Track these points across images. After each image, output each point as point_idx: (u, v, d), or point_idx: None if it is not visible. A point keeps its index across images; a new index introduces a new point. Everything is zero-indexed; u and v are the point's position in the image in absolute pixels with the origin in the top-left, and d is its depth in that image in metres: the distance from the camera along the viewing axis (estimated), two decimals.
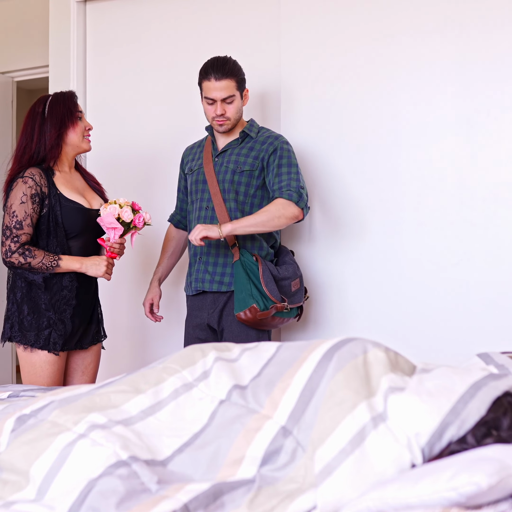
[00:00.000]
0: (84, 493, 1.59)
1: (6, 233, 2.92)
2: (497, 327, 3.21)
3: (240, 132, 3.23)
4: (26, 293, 2.97)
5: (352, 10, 3.53)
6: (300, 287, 3.20)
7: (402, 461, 1.58)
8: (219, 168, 3.21)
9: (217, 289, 3.16)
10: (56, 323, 2.96)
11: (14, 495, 1.68)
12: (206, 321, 3.20)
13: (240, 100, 3.19)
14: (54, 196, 2.96)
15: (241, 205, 3.17)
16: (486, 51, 3.27)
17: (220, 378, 1.92)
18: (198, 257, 3.22)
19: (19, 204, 2.91)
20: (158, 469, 1.70)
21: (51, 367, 2.97)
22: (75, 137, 3.04)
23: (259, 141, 3.22)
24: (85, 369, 3.16)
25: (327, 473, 1.57)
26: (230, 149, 3.24)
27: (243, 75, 3.20)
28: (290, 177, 3.11)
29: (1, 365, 5.12)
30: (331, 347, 1.85)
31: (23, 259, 2.90)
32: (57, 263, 2.93)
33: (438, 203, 3.36)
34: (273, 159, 3.15)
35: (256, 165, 3.17)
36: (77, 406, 1.87)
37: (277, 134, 3.26)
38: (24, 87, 6.30)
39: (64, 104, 3.03)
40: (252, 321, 3.04)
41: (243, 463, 1.69)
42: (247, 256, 3.09)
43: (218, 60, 3.14)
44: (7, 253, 2.92)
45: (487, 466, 1.38)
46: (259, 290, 3.03)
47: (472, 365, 1.99)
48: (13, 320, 2.98)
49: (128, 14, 4.14)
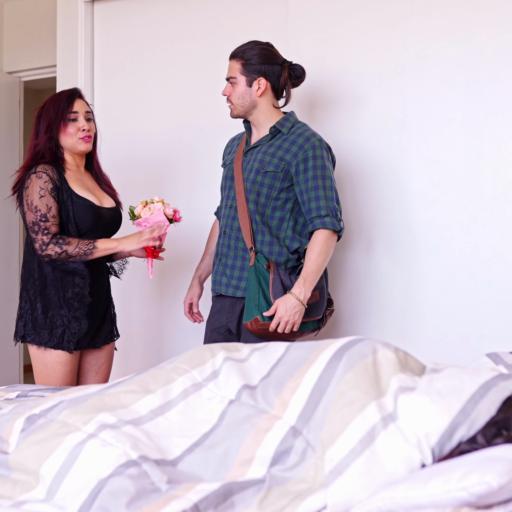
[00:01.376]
0: (94, 493, 1.59)
1: (34, 229, 2.89)
2: (506, 327, 3.20)
3: (270, 128, 3.03)
4: (40, 290, 2.94)
5: (361, 9, 3.53)
6: (320, 300, 2.99)
7: (412, 461, 1.58)
8: (246, 165, 3.04)
9: (232, 294, 3.03)
10: (70, 321, 2.94)
11: (24, 495, 1.69)
12: (226, 325, 3.06)
13: (244, 87, 2.99)
14: (66, 191, 2.95)
15: (261, 208, 2.99)
16: (494, 51, 3.26)
17: (229, 378, 1.92)
18: (219, 258, 3.09)
19: (39, 199, 2.89)
20: (168, 469, 1.70)
21: (63, 368, 2.95)
22: (67, 140, 3.00)
23: (289, 139, 2.99)
24: (99, 369, 3.15)
25: (337, 473, 1.57)
26: (260, 145, 3.05)
27: (259, 63, 2.97)
28: (325, 194, 2.92)
29: (9, 365, 5.13)
30: (340, 347, 1.85)
31: (59, 249, 2.87)
32: (94, 245, 2.91)
33: (446, 203, 3.35)
34: (304, 168, 2.94)
35: (282, 167, 2.96)
36: (87, 406, 1.87)
37: (309, 133, 3.00)
38: (32, 87, 6.31)
39: (55, 106, 3.00)
40: (257, 332, 2.90)
41: (253, 463, 1.69)
42: (262, 261, 2.94)
43: (243, 44, 3.03)
44: (41, 247, 2.88)
45: (497, 466, 1.38)
46: (267, 300, 2.90)
47: (482, 365, 1.99)
48: (26, 318, 2.96)
49: (136, 13, 4.14)
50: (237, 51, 3.01)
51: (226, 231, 3.06)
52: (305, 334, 3.01)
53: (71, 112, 3.00)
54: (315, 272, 2.89)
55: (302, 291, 2.86)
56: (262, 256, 2.95)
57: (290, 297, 2.85)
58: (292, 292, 2.86)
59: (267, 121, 3.05)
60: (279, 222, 3.01)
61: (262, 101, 3.03)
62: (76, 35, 4.22)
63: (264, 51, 3.00)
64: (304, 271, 2.89)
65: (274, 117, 3.06)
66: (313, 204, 2.92)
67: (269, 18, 3.75)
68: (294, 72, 3.07)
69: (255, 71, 2.99)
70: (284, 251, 2.99)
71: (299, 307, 2.85)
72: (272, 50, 3.05)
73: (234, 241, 3.02)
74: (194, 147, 3.93)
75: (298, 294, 2.85)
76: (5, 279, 5.09)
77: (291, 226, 3.01)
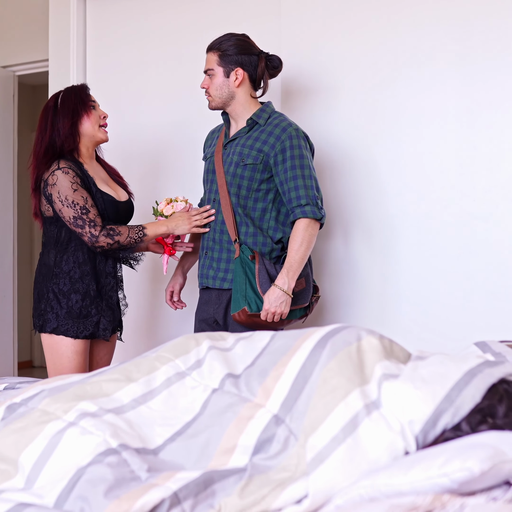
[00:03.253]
0: (73, 482, 1.57)
1: (78, 224, 2.88)
2: (499, 318, 3.19)
3: (247, 120, 3.05)
4: (74, 282, 2.93)
5: (355, 3, 3.51)
6: (306, 287, 3.02)
7: (396, 448, 1.55)
8: (226, 158, 3.06)
9: (219, 286, 3.05)
10: (104, 309, 2.97)
11: (3, 483, 1.66)
12: (213, 316, 3.09)
13: (222, 78, 3.01)
14: (94, 184, 2.96)
15: (243, 200, 3.01)
16: (487, 42, 3.24)
17: (213, 367, 1.90)
18: (205, 251, 3.11)
19: (73, 193, 2.87)
20: (149, 457, 1.68)
21: (79, 357, 2.95)
22: (89, 126, 3.00)
23: (266, 131, 3.01)
24: (100, 360, 3.15)
25: (319, 461, 1.55)
26: (238, 138, 3.06)
27: (236, 54, 3.00)
28: (305, 183, 2.95)
29: (3, 361, 5.11)
30: (324, 335, 1.82)
31: (110, 240, 2.89)
32: (143, 232, 2.93)
33: (439, 195, 3.33)
34: (282, 159, 2.96)
35: (261, 159, 2.98)
36: (68, 394, 1.85)
37: (286, 123, 3.02)
38: (26, 82, 6.29)
39: (75, 94, 3.01)
40: (245, 322, 2.93)
41: (235, 452, 1.67)
42: (247, 253, 2.97)
43: (222, 35, 3.05)
44: (91, 240, 2.88)
45: (480, 452, 1.35)
46: (254, 291, 2.93)
47: (469, 354, 1.96)
48: (57, 310, 2.93)
49: (128, 7, 4.12)
50: (214, 43, 3.04)
51: (211, 224, 3.08)
52: (292, 322, 3.04)
53: (91, 100, 3.04)
54: (298, 262, 2.92)
55: (286, 281, 2.89)
56: (247, 247, 2.98)
57: (274, 289, 2.89)
58: (275, 284, 2.89)
59: (245, 112, 3.07)
60: (262, 213, 3.03)
61: (240, 91, 3.04)
62: (68, 29, 4.20)
63: (240, 41, 3.02)
64: (287, 261, 2.93)
65: (251, 107, 3.08)
66: (293, 194, 2.95)
67: (262, 12, 3.74)
68: (271, 62, 3.09)
69: (232, 61, 3.01)
70: (268, 242, 3.01)
71: (284, 297, 2.88)
72: (248, 41, 3.07)
73: (219, 234, 3.05)
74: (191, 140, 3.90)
75: (282, 285, 2.88)
76: None
77: (273, 217, 3.03)
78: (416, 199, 3.38)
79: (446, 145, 3.33)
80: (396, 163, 3.43)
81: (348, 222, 3.53)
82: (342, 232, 3.56)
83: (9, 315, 5.12)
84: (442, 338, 3.29)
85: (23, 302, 5.71)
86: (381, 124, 3.45)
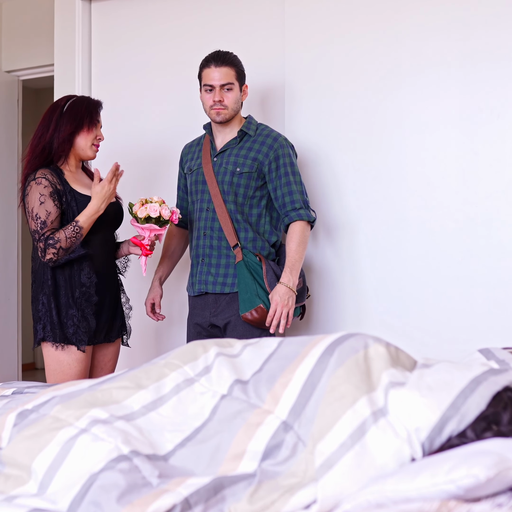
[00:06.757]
0: (86, 487, 1.60)
1: (35, 237, 2.93)
2: (500, 322, 3.21)
3: (238, 131, 3.21)
4: (53, 292, 2.96)
5: (357, 8, 3.53)
6: (303, 286, 3.20)
7: (402, 455, 1.58)
8: (218, 169, 3.21)
9: (220, 291, 3.17)
10: (80, 320, 2.97)
11: (16, 489, 1.69)
12: (209, 320, 3.20)
13: (239, 92, 3.18)
14: (69, 192, 2.98)
15: (240, 207, 3.18)
16: (489, 49, 3.26)
17: (221, 373, 1.93)
18: (201, 258, 3.22)
19: (39, 206, 2.92)
20: (160, 463, 1.70)
21: (79, 365, 2.98)
22: (84, 141, 3.04)
23: (258, 141, 3.20)
24: (104, 366, 3.18)
25: (327, 467, 1.58)
26: (229, 149, 3.22)
27: (243, 69, 3.20)
28: (297, 189, 3.17)
29: (8, 363, 5.13)
30: (332, 342, 1.85)
31: (54, 249, 2.90)
32: (78, 226, 2.92)
33: (442, 201, 3.36)
34: (276, 166, 3.17)
35: (255, 167, 3.17)
36: (79, 401, 1.88)
37: (275, 133, 3.24)
38: (30, 86, 6.31)
39: (87, 107, 3.05)
40: (258, 321, 3.06)
41: (244, 458, 1.69)
42: (250, 256, 3.12)
43: (219, 52, 3.18)
44: (42, 255, 2.92)
45: (485, 459, 1.38)
46: (264, 290, 3.07)
47: (473, 361, 1.99)
48: (44, 321, 2.97)
49: (133, 12, 4.14)
50: (225, 58, 3.16)
51: (207, 232, 3.21)
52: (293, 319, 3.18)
53: (97, 118, 3.09)
54: (298, 261, 3.12)
55: (290, 278, 3.08)
56: (248, 251, 3.14)
57: (281, 286, 3.07)
58: (281, 281, 3.07)
59: (236, 125, 3.25)
60: (258, 218, 3.22)
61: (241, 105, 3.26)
62: (73, 33, 4.22)
63: (238, 57, 3.22)
64: (289, 261, 3.11)
65: (240, 119, 3.27)
66: (287, 199, 3.17)
67: (266, 16, 3.76)
68: None
69: (244, 77, 3.22)
70: (266, 245, 3.21)
71: (290, 293, 3.07)
72: None
73: (217, 241, 3.19)
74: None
75: (287, 282, 3.07)
76: (4, 278, 5.09)
77: (268, 221, 3.25)
78: (418, 205, 3.41)
79: (448, 151, 3.35)
80: (399, 170, 3.46)
81: (353, 227, 3.56)
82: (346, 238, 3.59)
83: (13, 317, 5.15)
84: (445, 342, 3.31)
85: (27, 305, 5.72)
86: (383, 130, 3.48)
